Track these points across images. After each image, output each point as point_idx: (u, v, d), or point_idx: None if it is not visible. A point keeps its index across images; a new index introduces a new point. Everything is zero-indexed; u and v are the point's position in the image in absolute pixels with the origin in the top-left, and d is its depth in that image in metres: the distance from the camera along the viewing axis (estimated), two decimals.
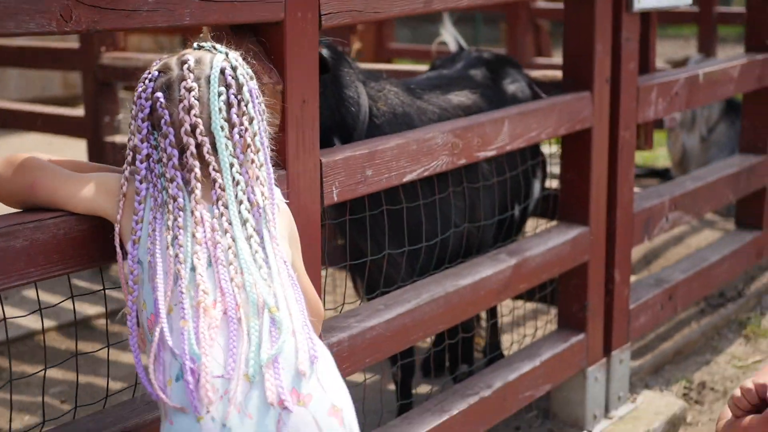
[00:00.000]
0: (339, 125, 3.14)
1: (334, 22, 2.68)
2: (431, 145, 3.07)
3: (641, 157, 9.33)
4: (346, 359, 2.86)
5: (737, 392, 2.17)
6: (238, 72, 2.13)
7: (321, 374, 2.00)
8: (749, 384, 2.16)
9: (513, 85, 4.01)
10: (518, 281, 3.55)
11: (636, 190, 4.54)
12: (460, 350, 3.82)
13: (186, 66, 2.07)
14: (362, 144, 2.89)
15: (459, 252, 3.57)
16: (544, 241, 3.72)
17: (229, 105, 2.08)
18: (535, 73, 4.45)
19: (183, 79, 2.05)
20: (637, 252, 6.61)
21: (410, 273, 3.43)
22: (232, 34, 2.55)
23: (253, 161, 2.09)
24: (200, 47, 2.15)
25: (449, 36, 4.74)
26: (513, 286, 3.52)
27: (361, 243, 3.36)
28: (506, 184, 3.74)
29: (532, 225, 4.51)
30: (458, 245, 3.56)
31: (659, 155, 9.26)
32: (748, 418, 2.12)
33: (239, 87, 2.11)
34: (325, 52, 3.06)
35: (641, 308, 4.29)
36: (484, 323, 4.57)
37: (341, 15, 2.70)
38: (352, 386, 2.69)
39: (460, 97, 3.61)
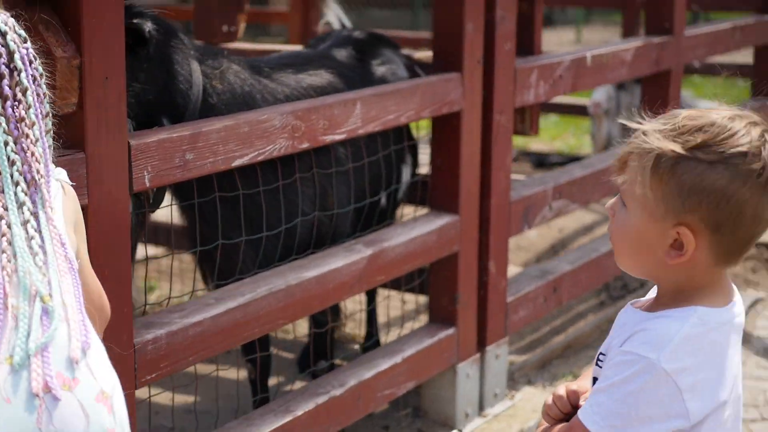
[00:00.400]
0: (167, 105, 2.90)
1: None
2: (267, 127, 2.85)
3: (566, 145, 9.19)
4: (163, 358, 2.64)
5: (549, 399, 1.98)
6: (8, 38, 1.89)
7: (92, 361, 1.87)
8: (561, 391, 1.97)
9: (383, 67, 3.79)
10: (375, 273, 3.34)
11: (520, 177, 4.36)
12: (311, 345, 3.58)
13: None
14: (183, 125, 2.66)
15: (310, 242, 3.35)
16: (407, 230, 3.52)
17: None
18: (419, 55, 4.24)
19: None
20: (544, 242, 6.46)
21: (253, 264, 3.21)
22: (24, 2, 2.30)
23: (27, 136, 1.87)
24: None
25: (333, 16, 4.51)
26: (368, 278, 3.31)
27: (203, 229, 3.14)
28: (367, 170, 3.52)
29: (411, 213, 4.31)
30: (308, 235, 3.34)
31: (584, 143, 9.12)
32: (557, 427, 1.93)
33: (10, 55, 1.88)
34: (149, 25, 2.81)
35: (521, 301, 4.10)
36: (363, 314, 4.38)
37: None
38: (205, 378, 2.51)
39: (314, 78, 3.37)
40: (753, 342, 4.83)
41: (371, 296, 4.30)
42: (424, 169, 4.26)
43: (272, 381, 3.98)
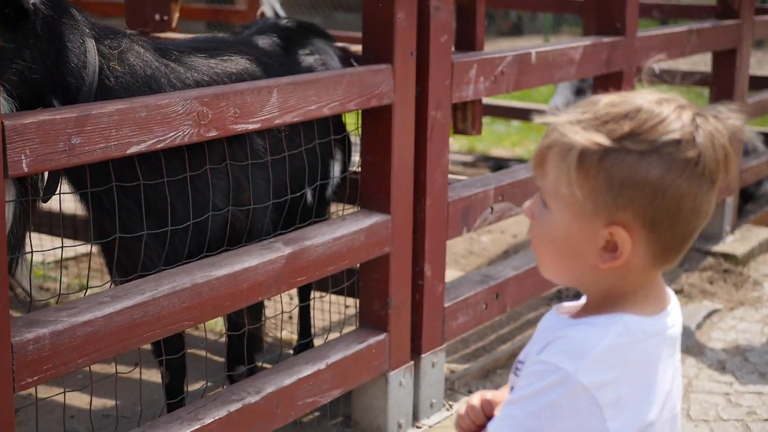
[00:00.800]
0: (58, 85, 2.70)
1: None
2: (168, 113, 2.65)
3: (527, 152, 9.03)
4: (46, 359, 2.44)
5: (462, 409, 1.79)
6: None
7: None
8: (475, 400, 1.78)
9: (311, 57, 3.60)
10: (294, 273, 3.14)
11: (461, 178, 4.18)
12: (227, 349, 3.37)
13: None
14: (69, 107, 2.46)
15: (224, 239, 3.15)
16: (333, 229, 3.33)
17: None
18: (357, 48, 4.06)
19: None
20: (497, 248, 6.28)
21: (159, 260, 3.01)
22: None
23: None
24: None
25: (267, 5, 4.33)
26: (287, 279, 3.12)
27: (102, 221, 2.94)
28: (288, 164, 3.32)
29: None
30: (222, 231, 3.14)
31: None
32: None
33: None
34: None
35: (459, 307, 3.92)
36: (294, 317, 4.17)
37: None
38: (129, 381, 2.30)
39: (228, 63, 3.17)
40: (707, 354, 4.66)
41: (305, 296, 4.11)
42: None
43: (198, 385, 3.79)
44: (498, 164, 8.40)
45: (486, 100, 7.48)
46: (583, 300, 1.68)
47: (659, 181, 1.50)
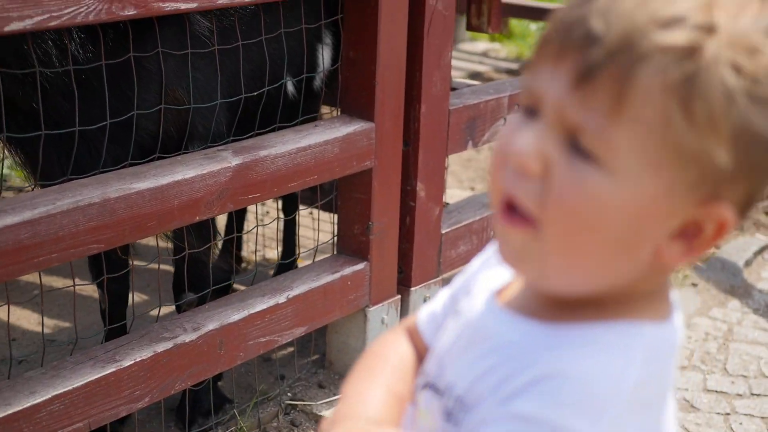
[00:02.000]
0: None
1: None
2: None
3: None
4: None
5: None
6: None
7: None
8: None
9: None
10: (244, 190, 2.59)
11: (467, 81, 3.58)
12: (185, 272, 2.80)
13: None
14: None
15: (154, 147, 2.58)
16: (299, 137, 2.76)
17: None
18: None
19: None
20: None
21: (63, 169, 2.46)
22: None
23: None
24: None
25: None
26: (233, 195, 2.57)
27: None
28: (257, 49, 2.74)
29: None
30: (152, 136, 2.57)
31: None
32: None
33: None
34: None
35: (461, 233, 3.35)
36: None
37: None
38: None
39: None
40: (754, 296, 4.06)
41: (290, 209, 3.57)
42: None
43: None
44: None
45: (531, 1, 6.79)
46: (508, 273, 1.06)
47: None
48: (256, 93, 2.78)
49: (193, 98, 2.56)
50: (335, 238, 3.14)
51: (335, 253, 3.13)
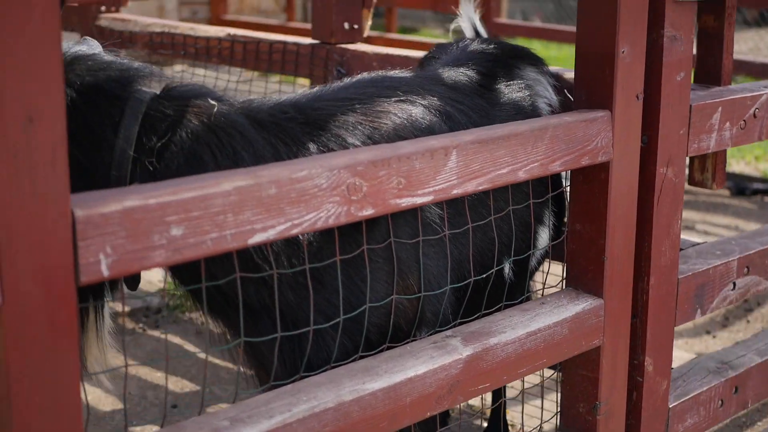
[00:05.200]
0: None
1: None
2: (306, 188, 2.03)
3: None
4: None
5: None
6: None
7: None
8: None
9: (518, 94, 2.90)
10: (475, 380, 2.47)
11: (693, 240, 3.39)
12: None
13: None
14: (163, 185, 1.87)
15: (385, 335, 2.49)
16: (527, 320, 2.63)
17: None
18: (571, 75, 3.33)
19: None
20: (732, 316, 5.37)
21: (295, 367, 2.38)
22: None
23: None
24: None
25: (466, 20, 3.63)
26: (464, 388, 2.45)
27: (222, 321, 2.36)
28: (474, 236, 2.65)
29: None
30: (381, 328, 2.48)
31: None
32: None
33: None
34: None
35: (688, 406, 3.14)
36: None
37: None
38: None
39: (394, 116, 2.51)
40: None
41: (496, 391, 3.43)
42: None
43: None
44: (739, 186, 7.40)
45: None
46: None
47: None
48: (483, 276, 2.67)
49: (423, 286, 2.46)
50: (558, 416, 2.97)
51: (557, 429, 2.96)
